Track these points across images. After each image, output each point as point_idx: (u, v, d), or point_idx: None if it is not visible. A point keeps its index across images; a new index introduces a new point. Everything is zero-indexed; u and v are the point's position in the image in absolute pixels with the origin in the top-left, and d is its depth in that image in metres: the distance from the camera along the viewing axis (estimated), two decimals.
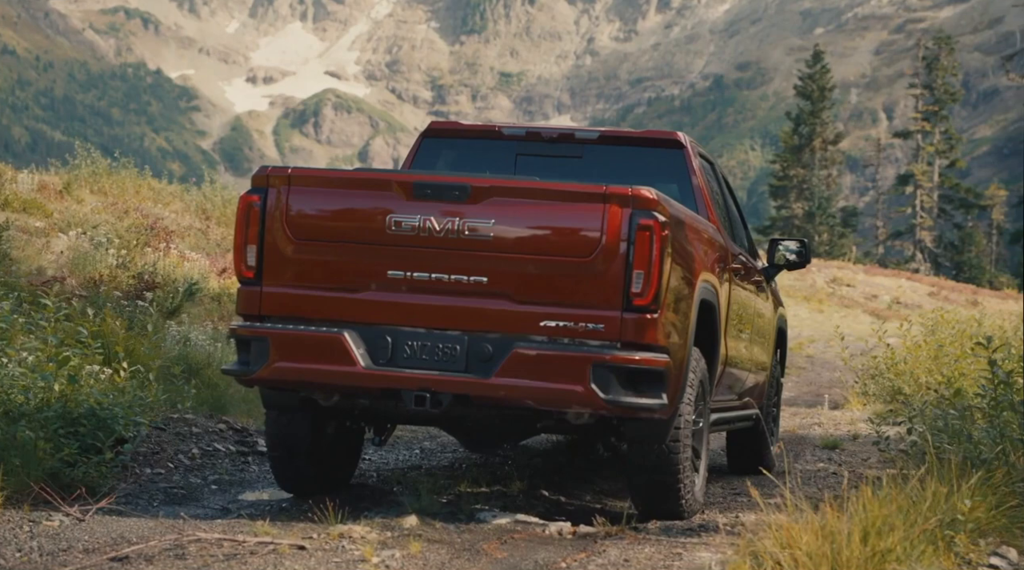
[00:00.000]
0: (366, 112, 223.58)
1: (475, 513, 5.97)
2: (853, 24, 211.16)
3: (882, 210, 76.34)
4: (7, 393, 6.13)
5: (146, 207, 16.45)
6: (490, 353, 5.51)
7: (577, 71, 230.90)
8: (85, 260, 10.50)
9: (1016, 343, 11.68)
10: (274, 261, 5.77)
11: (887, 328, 13.34)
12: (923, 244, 65.84)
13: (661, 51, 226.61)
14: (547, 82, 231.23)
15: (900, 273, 44.09)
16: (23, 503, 5.67)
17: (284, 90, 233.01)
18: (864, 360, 14.28)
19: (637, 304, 5.42)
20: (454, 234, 5.54)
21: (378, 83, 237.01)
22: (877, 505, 4.41)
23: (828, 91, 66.98)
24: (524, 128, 7.17)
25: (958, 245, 67.87)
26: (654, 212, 5.42)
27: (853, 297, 32.88)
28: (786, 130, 70.14)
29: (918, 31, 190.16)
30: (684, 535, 5.60)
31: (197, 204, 19.76)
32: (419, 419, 6.44)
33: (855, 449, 9.44)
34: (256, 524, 5.44)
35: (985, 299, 37.33)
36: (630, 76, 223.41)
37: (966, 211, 69.27)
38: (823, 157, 67.70)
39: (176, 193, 20.76)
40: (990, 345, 6.57)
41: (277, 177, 5.79)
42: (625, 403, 5.39)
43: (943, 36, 71.62)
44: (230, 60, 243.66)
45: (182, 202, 19.67)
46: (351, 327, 5.64)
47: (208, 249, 13.97)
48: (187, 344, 8.77)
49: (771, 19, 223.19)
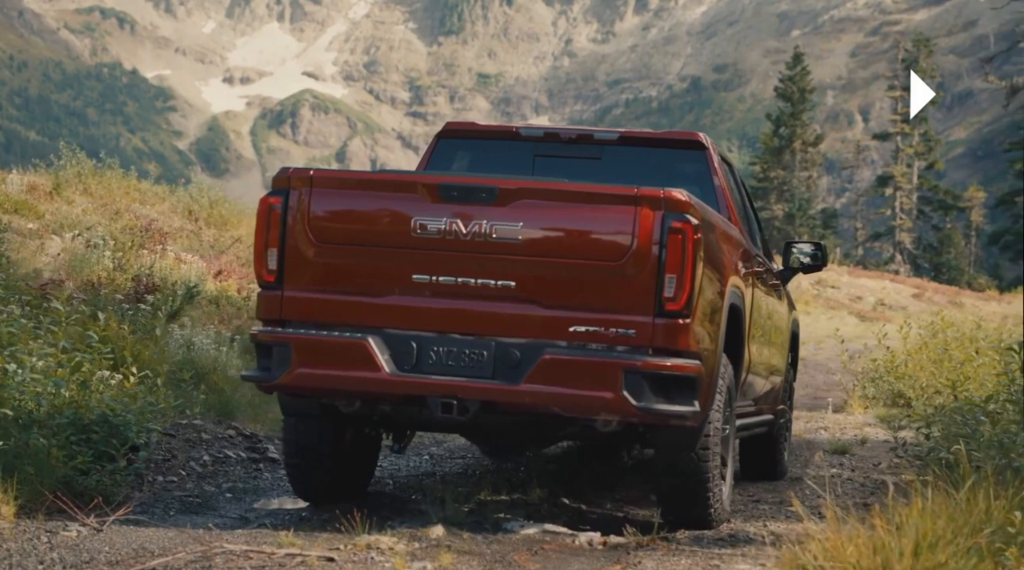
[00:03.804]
0: (344, 113, 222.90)
1: (501, 523, 5.85)
2: (829, 26, 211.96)
3: (861, 212, 76.60)
4: (18, 399, 5.98)
5: (136, 208, 16.24)
6: (518, 359, 5.39)
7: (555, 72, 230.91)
8: (82, 262, 10.32)
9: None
10: (295, 265, 5.63)
11: (887, 330, 13.30)
12: (902, 246, 66.08)
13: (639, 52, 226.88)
14: (525, 83, 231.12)
15: (884, 275, 44.20)
16: (37, 512, 5.53)
17: (261, 90, 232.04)
18: (863, 362, 14.23)
19: (669, 309, 5.30)
20: (481, 237, 5.41)
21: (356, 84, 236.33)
22: (929, 518, 4.30)
23: (808, 93, 67.14)
24: (542, 129, 7.05)
25: (936, 246, 68.17)
26: (686, 214, 5.31)
27: (838, 299, 32.92)
28: (766, 132, 70.27)
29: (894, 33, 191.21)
30: (717, 545, 5.49)
31: (184, 205, 19.57)
32: (443, 426, 6.31)
33: (865, 454, 9.36)
34: (280, 535, 5.31)
35: (968, 300, 37.45)
36: (608, 77, 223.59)
37: (944, 213, 69.60)
38: (803, 159, 67.86)
39: (162, 194, 20.55)
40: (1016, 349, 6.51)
41: (299, 179, 5.66)
42: (657, 410, 5.27)
43: (922, 38, 71.95)
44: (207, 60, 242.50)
45: (169, 203, 19.47)
46: (375, 332, 5.51)
47: (202, 251, 13.79)
48: (191, 348, 8.62)
49: (748, 21, 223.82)
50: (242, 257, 14.38)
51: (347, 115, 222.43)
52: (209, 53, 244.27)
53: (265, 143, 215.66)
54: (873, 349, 18.17)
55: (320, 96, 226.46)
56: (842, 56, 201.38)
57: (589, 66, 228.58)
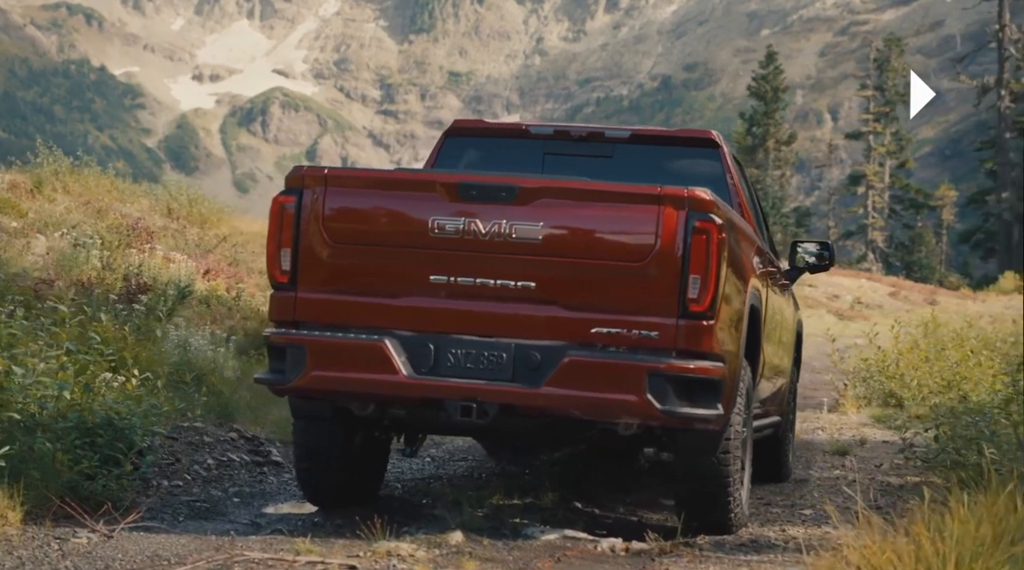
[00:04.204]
0: (314, 110, 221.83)
1: (519, 528, 5.75)
2: (798, 26, 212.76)
3: (833, 210, 76.93)
4: (21, 403, 5.82)
5: (118, 206, 16.04)
6: (538, 361, 5.29)
7: (526, 71, 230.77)
8: (71, 262, 10.14)
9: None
10: (309, 265, 5.51)
11: (877, 330, 13.29)
12: (875, 244, 66.41)
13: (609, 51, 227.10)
14: (496, 81, 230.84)
15: (860, 273, 44.34)
16: (44, 518, 5.40)
17: (231, 88, 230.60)
18: (854, 361, 14.21)
19: (693, 310, 5.21)
20: (500, 237, 5.31)
21: (326, 82, 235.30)
22: (973, 525, 4.22)
23: (781, 92, 67.31)
24: (552, 126, 6.96)
25: (908, 245, 68.55)
26: (711, 214, 5.23)
27: (816, 297, 32.99)
28: (739, 130, 70.41)
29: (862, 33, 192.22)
30: (740, 551, 5.41)
31: (164, 203, 19.38)
32: (460, 429, 6.20)
33: (865, 455, 9.32)
34: (297, 541, 5.20)
35: (943, 299, 37.64)
36: (579, 76, 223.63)
37: (916, 211, 69.98)
38: (776, 157, 68.04)
39: (142, 192, 20.35)
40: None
41: (312, 177, 5.54)
42: (682, 414, 5.18)
43: (894, 38, 72.30)
44: (175, 57, 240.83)
45: (148, 201, 19.28)
46: (391, 334, 5.40)
47: (188, 250, 13.61)
48: (187, 349, 8.46)
49: (718, 20, 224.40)
50: (229, 256, 14.21)
51: (317, 113, 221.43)
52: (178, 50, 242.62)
53: (235, 141, 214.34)
54: (854, 348, 18.20)
55: (290, 94, 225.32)
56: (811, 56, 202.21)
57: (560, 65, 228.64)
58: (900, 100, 69.77)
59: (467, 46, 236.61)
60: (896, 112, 70.09)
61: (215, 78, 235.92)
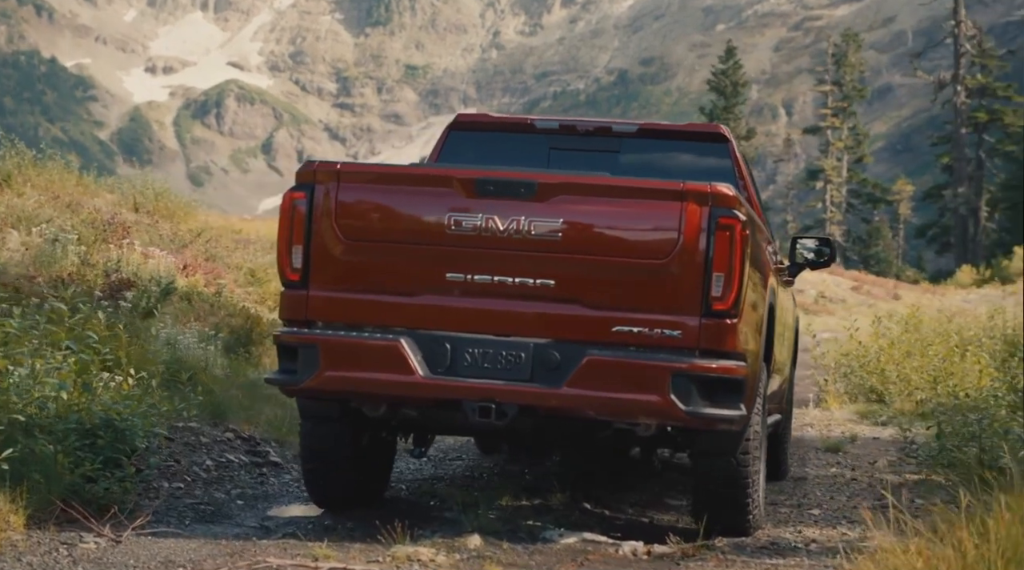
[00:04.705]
0: (270, 103, 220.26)
1: (536, 531, 5.64)
2: (753, 21, 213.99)
3: (791, 205, 77.39)
4: (16, 403, 5.64)
5: (87, 201, 15.72)
6: (558, 361, 5.17)
7: (483, 64, 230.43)
8: (48, 257, 9.90)
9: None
10: (322, 263, 5.37)
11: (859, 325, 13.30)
12: (833, 238, 66.80)
13: (566, 45, 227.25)
14: (453, 75, 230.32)
15: None
16: (47, 522, 5.23)
17: (184, 80, 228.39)
18: (833, 356, 14.22)
19: (717, 309, 5.11)
20: (519, 234, 5.18)
21: (281, 74, 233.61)
22: (1018, 528, 4.15)
23: (741, 87, 67.56)
24: (557, 121, 6.84)
25: (866, 239, 69.07)
26: (734, 210, 5.13)
27: None
28: None
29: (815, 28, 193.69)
30: (764, 554, 5.33)
31: (129, 198, 19.05)
32: (474, 430, 6.08)
33: (858, 451, 9.28)
34: (313, 546, 5.08)
35: (905, 293, 37.91)
36: (536, 70, 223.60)
37: (873, 206, 70.54)
38: None
39: (107, 186, 20.00)
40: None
41: (324, 173, 5.39)
42: (706, 415, 5.08)
43: (851, 33, 72.82)
44: (128, 49, 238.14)
45: (115, 196, 18.95)
46: (407, 333, 5.27)
47: (163, 244, 13.36)
48: (175, 347, 8.27)
49: (674, 15, 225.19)
50: (205, 251, 13.98)
51: (273, 106, 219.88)
52: (130, 42, 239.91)
53: (189, 134, 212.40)
54: (825, 343, 18.24)
55: (245, 86, 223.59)
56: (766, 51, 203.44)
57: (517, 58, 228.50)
58: (858, 95, 70.32)
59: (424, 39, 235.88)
60: (853, 107, 70.62)
61: (168, 70, 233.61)
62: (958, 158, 60.09)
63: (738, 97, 67.36)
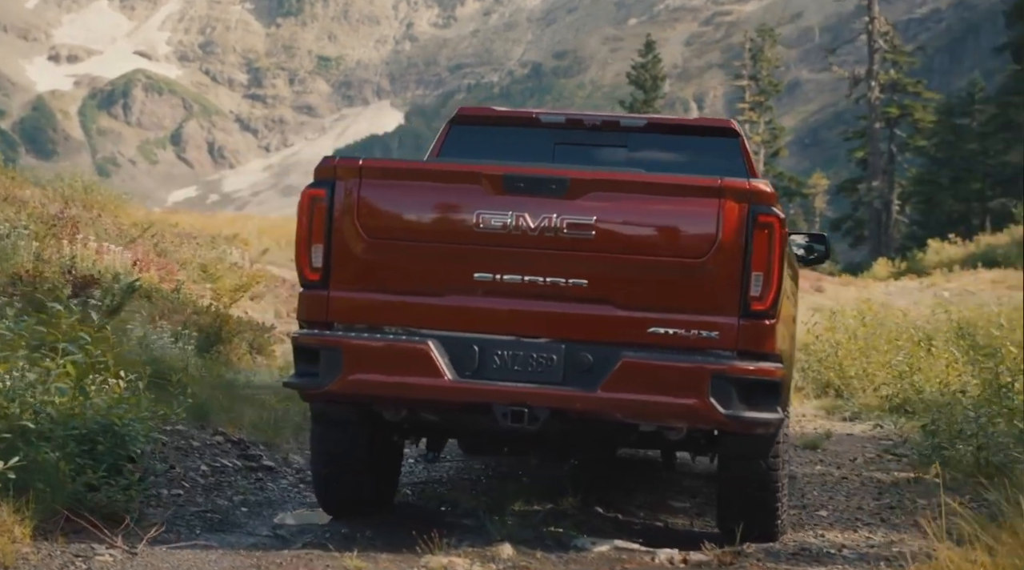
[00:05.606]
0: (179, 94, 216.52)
1: (563, 539, 5.47)
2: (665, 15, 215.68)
3: None
4: (6, 407, 5.33)
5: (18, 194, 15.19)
6: (590, 363, 5.01)
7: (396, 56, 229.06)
8: (2, 254, 9.48)
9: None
10: (343, 262, 5.15)
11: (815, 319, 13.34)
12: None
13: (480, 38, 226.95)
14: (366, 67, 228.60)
15: None
16: (53, 533, 4.96)
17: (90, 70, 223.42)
18: None
19: (755, 309, 4.98)
20: (550, 232, 5.01)
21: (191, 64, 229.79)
22: None
23: (660, 80, 67.93)
24: (563, 114, 6.67)
25: None
26: (773, 207, 5.02)
27: None
28: None
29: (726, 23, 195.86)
30: (799, 561, 5.22)
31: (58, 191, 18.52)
32: (500, 435, 5.88)
33: (836, 448, 9.27)
34: (342, 557, 4.87)
35: (828, 285, 38.39)
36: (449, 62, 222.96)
37: (789, 199, 71.38)
38: None
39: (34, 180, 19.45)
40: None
41: (346, 169, 5.17)
42: (746, 418, 4.94)
43: (766, 28, 73.64)
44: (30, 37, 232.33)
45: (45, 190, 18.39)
46: (434, 335, 5.07)
47: (111, 240, 12.93)
48: (150, 347, 7.95)
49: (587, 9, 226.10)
50: (154, 246, 13.58)
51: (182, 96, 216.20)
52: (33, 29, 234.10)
53: (95, 124, 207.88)
54: None
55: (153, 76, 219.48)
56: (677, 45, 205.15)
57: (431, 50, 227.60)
58: (773, 90, 71.14)
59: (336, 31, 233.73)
60: (770, 102, 71.42)
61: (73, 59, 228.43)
62: (872, 152, 61.06)
63: (657, 91, 67.72)
